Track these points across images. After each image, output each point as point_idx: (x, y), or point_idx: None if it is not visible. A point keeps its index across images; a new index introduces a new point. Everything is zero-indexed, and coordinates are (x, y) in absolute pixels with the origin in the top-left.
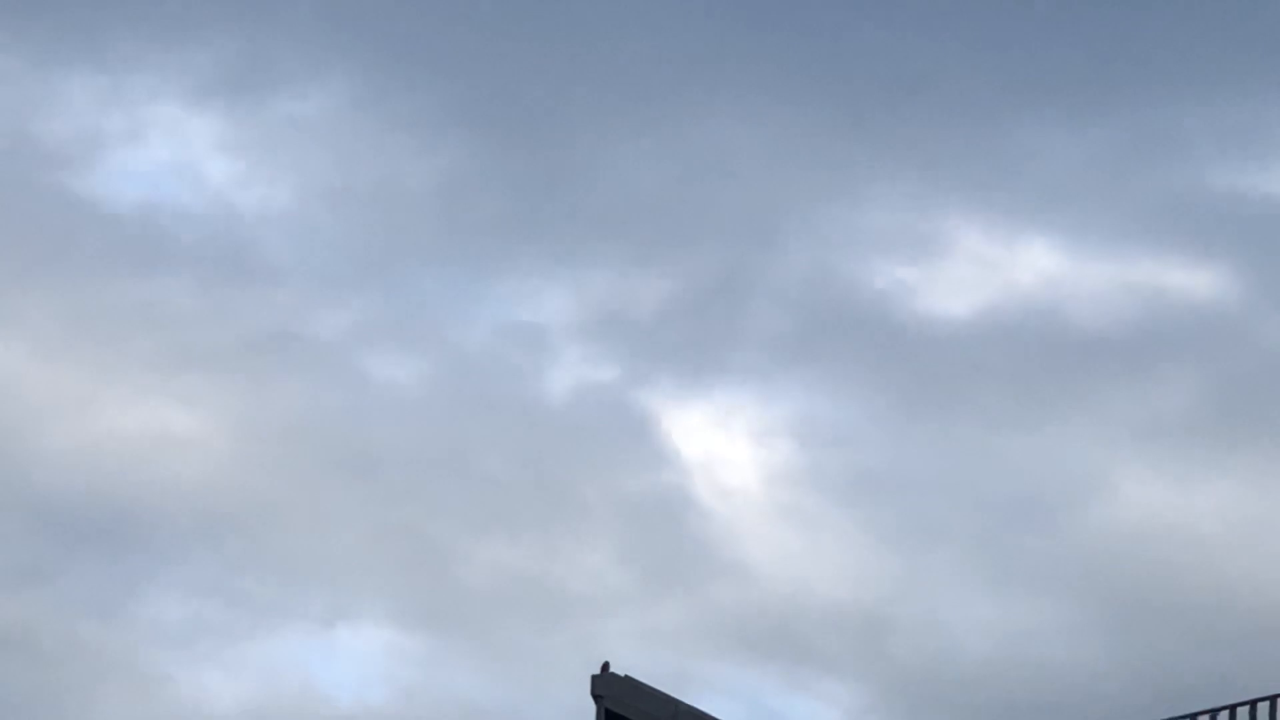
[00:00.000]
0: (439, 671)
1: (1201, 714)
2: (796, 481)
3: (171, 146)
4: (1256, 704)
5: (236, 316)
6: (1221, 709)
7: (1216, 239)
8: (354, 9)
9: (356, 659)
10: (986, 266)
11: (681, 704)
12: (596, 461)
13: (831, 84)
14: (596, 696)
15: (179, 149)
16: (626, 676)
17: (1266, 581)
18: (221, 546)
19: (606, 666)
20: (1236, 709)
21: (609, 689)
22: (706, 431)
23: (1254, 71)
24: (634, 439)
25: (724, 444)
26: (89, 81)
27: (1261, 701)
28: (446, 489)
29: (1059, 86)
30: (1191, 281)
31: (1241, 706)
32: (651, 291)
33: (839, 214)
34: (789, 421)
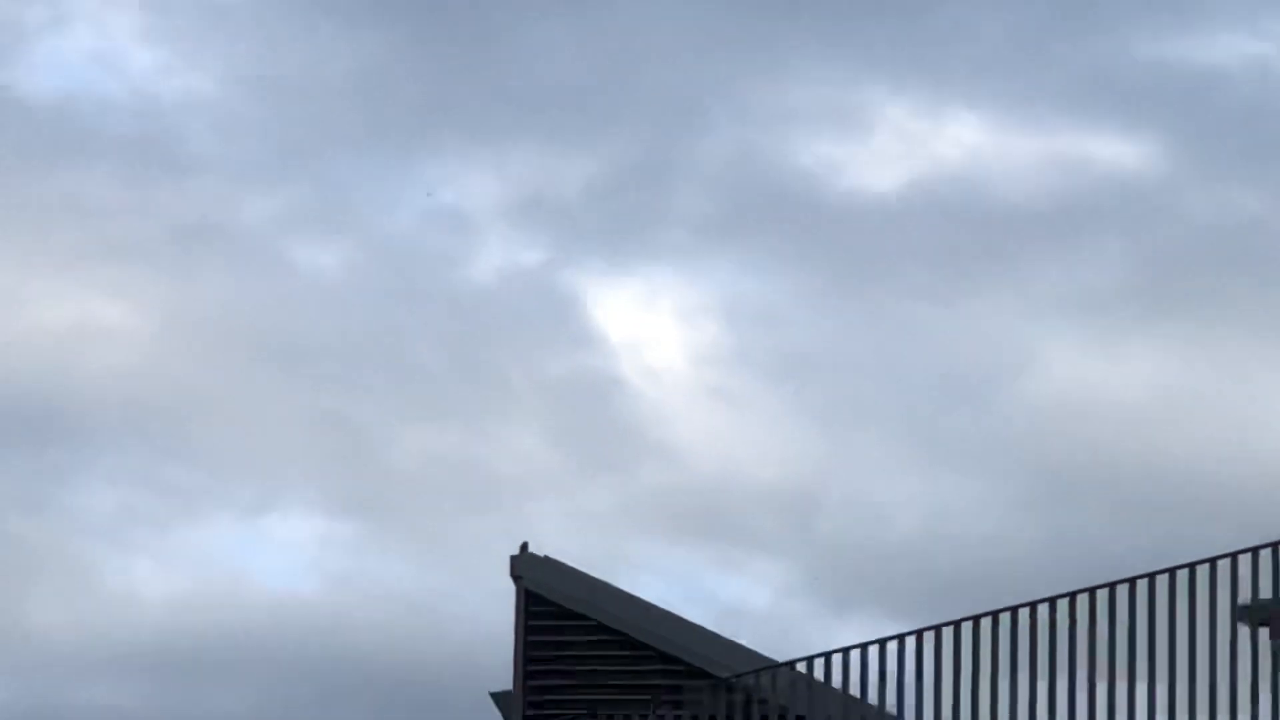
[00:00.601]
0: (368, 558)
1: (1120, 582)
2: (724, 361)
3: (93, 36)
4: (1175, 572)
5: (160, 207)
6: (1140, 577)
7: (1143, 110)
8: None
9: (286, 547)
10: (912, 142)
11: (601, 583)
12: (523, 345)
13: None
14: (516, 578)
15: (100, 39)
16: (546, 557)
17: (1195, 451)
18: (149, 437)
19: (525, 547)
20: (1155, 577)
21: (528, 570)
22: (633, 313)
23: None
24: (560, 321)
25: (651, 325)
26: None
27: (1180, 569)
28: (373, 376)
29: None
30: (1118, 153)
31: (1160, 575)
32: (575, 173)
33: (764, 92)
34: (716, 301)
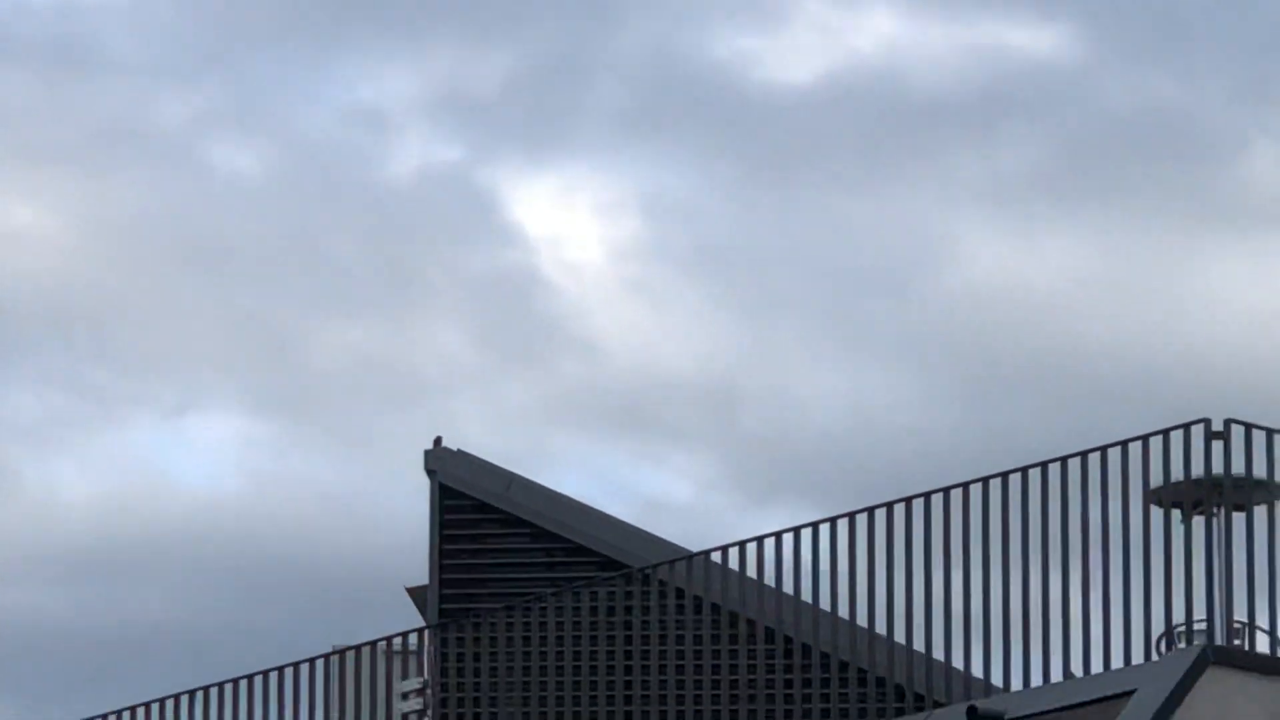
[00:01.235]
0: (290, 457)
1: (1031, 466)
2: (643, 256)
3: None
4: (1087, 455)
5: (77, 110)
6: (1052, 460)
7: None
8: None
9: (207, 447)
10: (828, 33)
11: (516, 475)
12: (442, 242)
13: None
14: (429, 472)
15: None
16: (459, 451)
17: (1114, 337)
18: (70, 340)
19: (439, 442)
20: (1067, 460)
21: (442, 464)
22: (551, 208)
23: None
24: (479, 218)
25: (569, 220)
26: None
27: (1092, 452)
28: (293, 275)
29: None
30: (1034, 41)
31: (1072, 458)
32: (493, 68)
33: None
34: (634, 196)
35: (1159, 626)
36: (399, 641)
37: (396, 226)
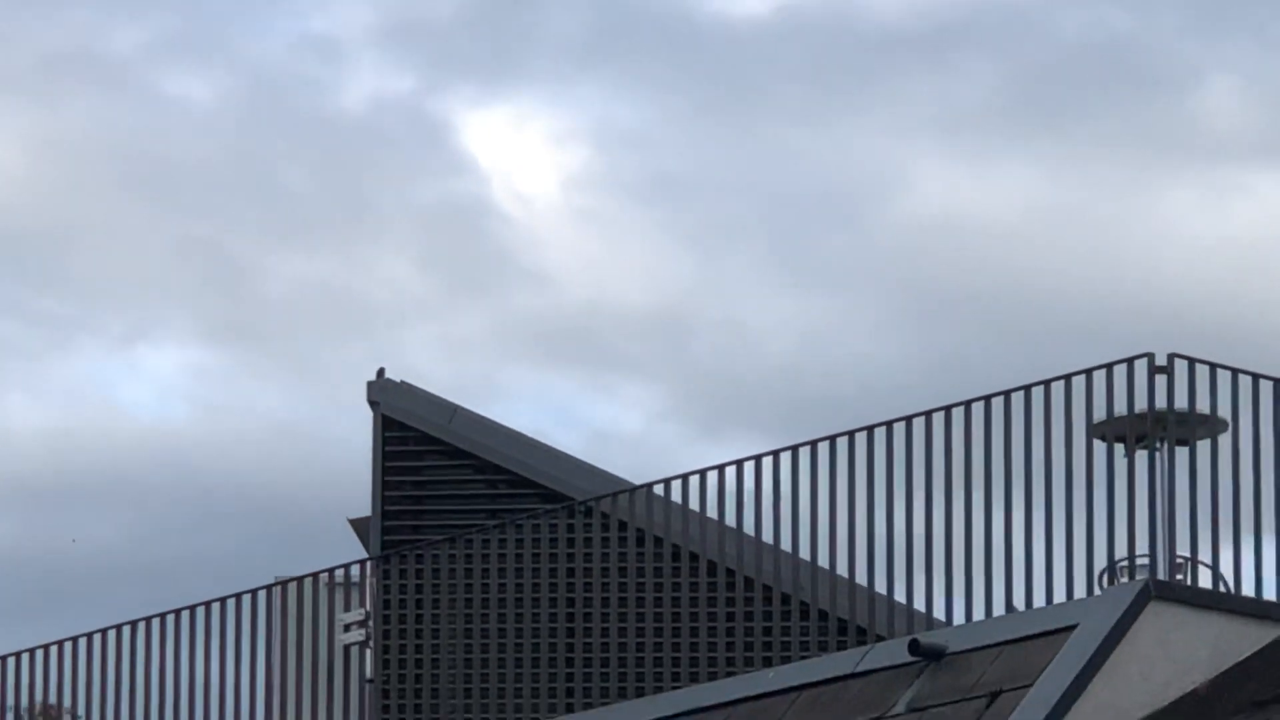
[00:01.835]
0: (240, 386)
1: (975, 400)
2: (595, 185)
3: None
4: (1030, 389)
5: (26, 35)
6: (995, 394)
7: None
8: None
9: (157, 376)
10: None
11: (460, 407)
12: (394, 171)
13: None
14: (372, 403)
15: None
16: (403, 382)
17: (1065, 269)
18: (18, 267)
19: (381, 373)
20: (1010, 394)
21: (384, 395)
22: (504, 137)
23: None
24: (431, 147)
25: (521, 149)
26: None
27: (1035, 386)
28: (244, 204)
29: None
30: None
31: (1016, 392)
32: None
33: None
34: (586, 125)
35: (1101, 561)
36: (341, 573)
37: (348, 156)
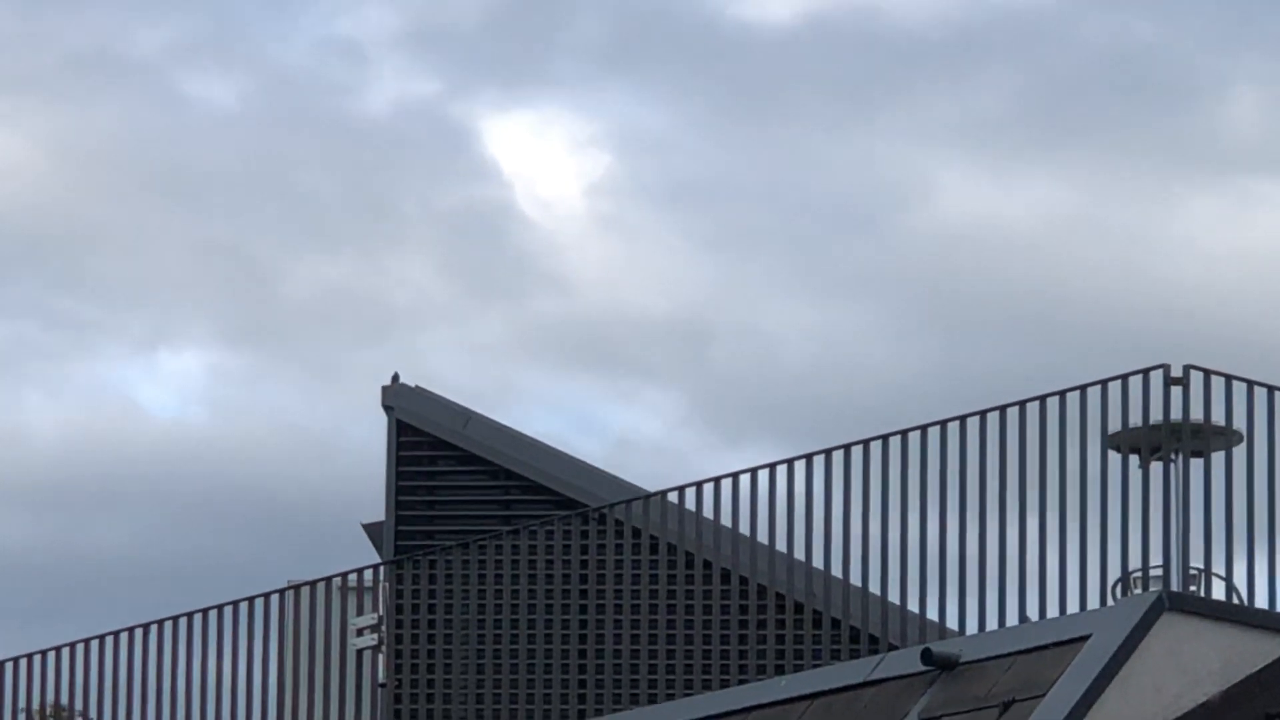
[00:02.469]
0: (259, 389)
1: (989, 410)
2: (617, 192)
3: None
4: (1045, 399)
5: (52, 37)
6: (1010, 405)
7: None
8: None
9: (177, 378)
10: None
11: (474, 413)
12: (416, 175)
13: None
14: (387, 408)
15: None
16: (417, 387)
17: (1086, 278)
18: (42, 268)
19: (396, 378)
20: (1026, 405)
21: (399, 400)
22: (527, 143)
23: None
24: (454, 151)
25: (544, 155)
26: None
27: (1050, 397)
28: (267, 207)
29: None
30: None
31: (1031, 402)
32: (470, 2)
33: None
34: (609, 131)
35: (1115, 572)
36: (354, 577)
37: (371, 159)
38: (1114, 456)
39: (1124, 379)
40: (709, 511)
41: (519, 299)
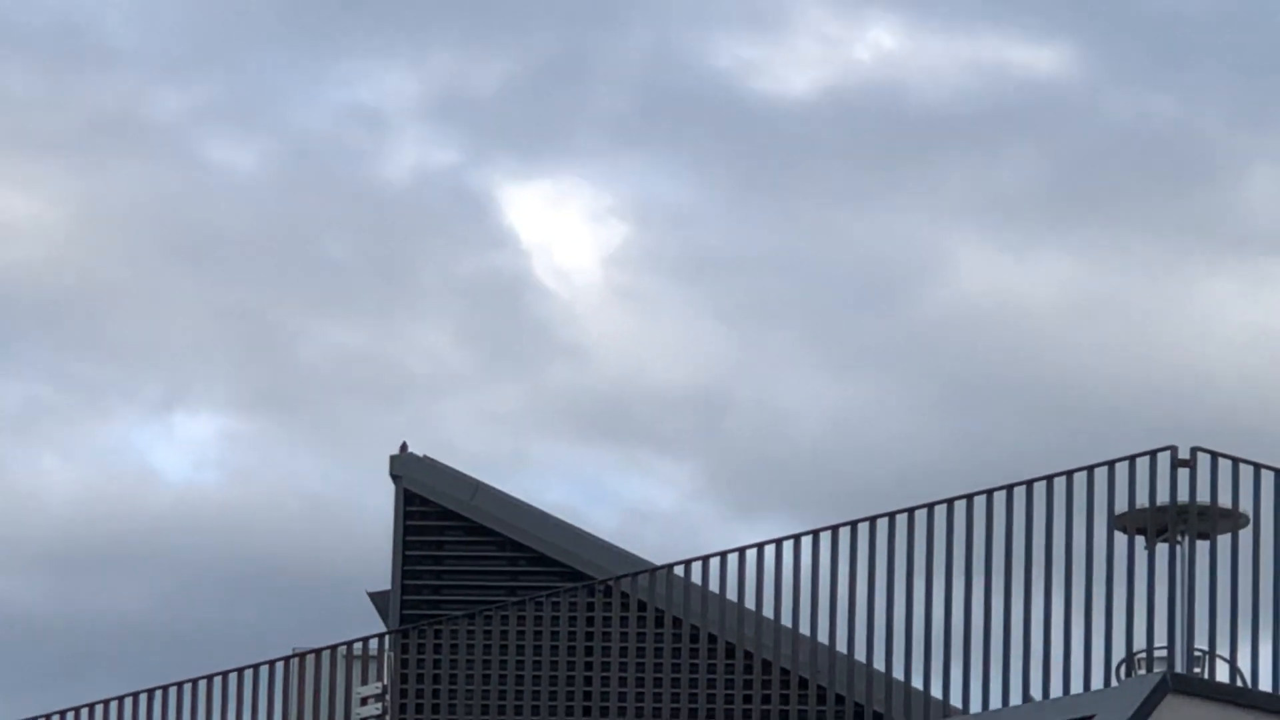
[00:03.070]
0: (274, 454)
1: (997, 489)
2: (635, 262)
3: None
4: (1053, 479)
5: (75, 99)
6: (1018, 484)
7: (1061, 14)
8: None
9: (192, 442)
10: (829, 44)
11: (481, 484)
12: (435, 243)
13: None
14: (394, 477)
15: None
16: (425, 457)
17: (1103, 357)
18: (59, 330)
19: (404, 447)
20: (1033, 484)
21: (406, 469)
22: (545, 212)
23: None
24: (473, 220)
25: (563, 225)
26: None
27: (1058, 477)
28: (285, 272)
29: None
30: (1034, 57)
31: (1038, 482)
32: (492, 71)
33: None
34: (628, 202)
35: (1120, 652)
36: (359, 646)
37: (390, 226)
38: (1120, 537)
39: (1131, 460)
40: (717, 585)
41: (535, 368)
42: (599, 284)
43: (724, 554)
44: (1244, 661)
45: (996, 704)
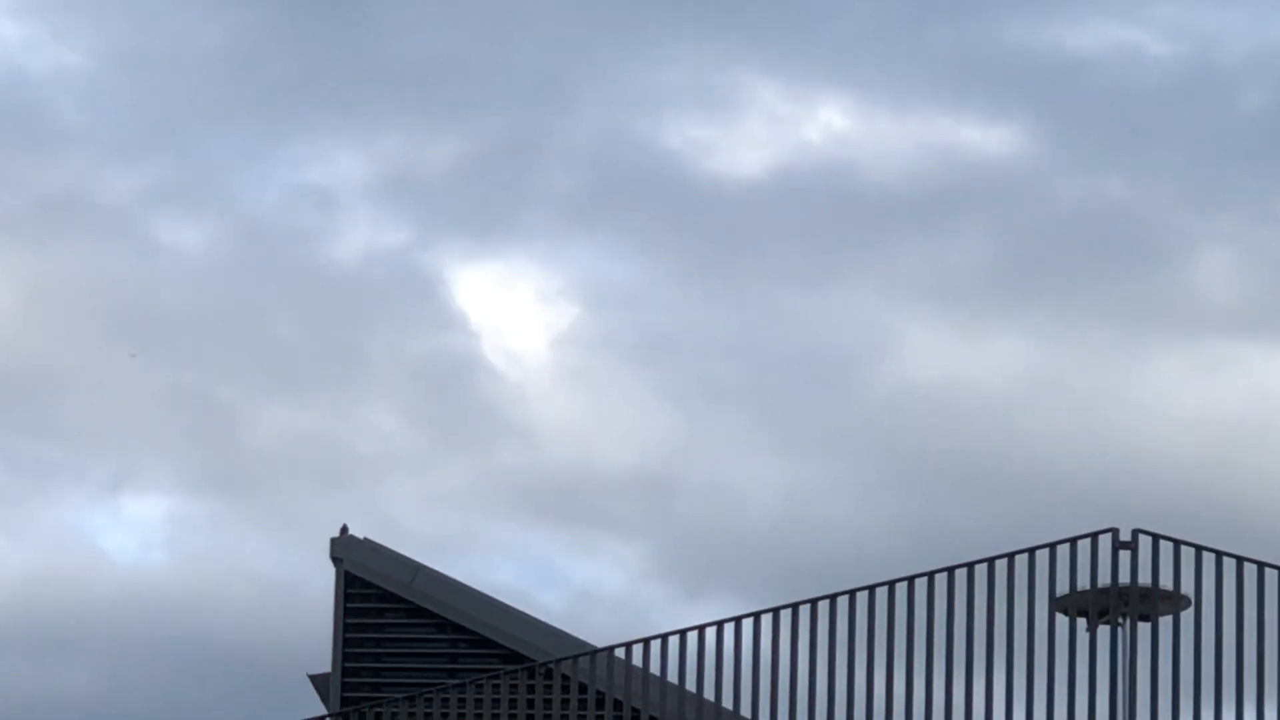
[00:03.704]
0: (222, 536)
1: (938, 571)
2: (584, 343)
3: None
4: (994, 561)
5: (24, 180)
6: (959, 566)
7: (1011, 95)
8: None
9: (140, 524)
10: (780, 125)
11: (422, 566)
12: (385, 324)
13: None
14: (335, 559)
15: None
16: (365, 539)
17: (1049, 438)
18: (7, 411)
19: (344, 530)
20: (974, 566)
21: (347, 552)
22: (495, 293)
23: None
24: (422, 301)
25: (512, 306)
26: None
27: (999, 559)
28: (234, 353)
29: None
30: (985, 138)
31: (980, 564)
32: (442, 152)
33: (632, 72)
34: (578, 283)
35: None
36: None
37: (340, 308)
38: (1063, 619)
39: (1073, 542)
40: (658, 668)
41: (484, 449)
42: (548, 365)
43: (665, 636)
44: None
45: None
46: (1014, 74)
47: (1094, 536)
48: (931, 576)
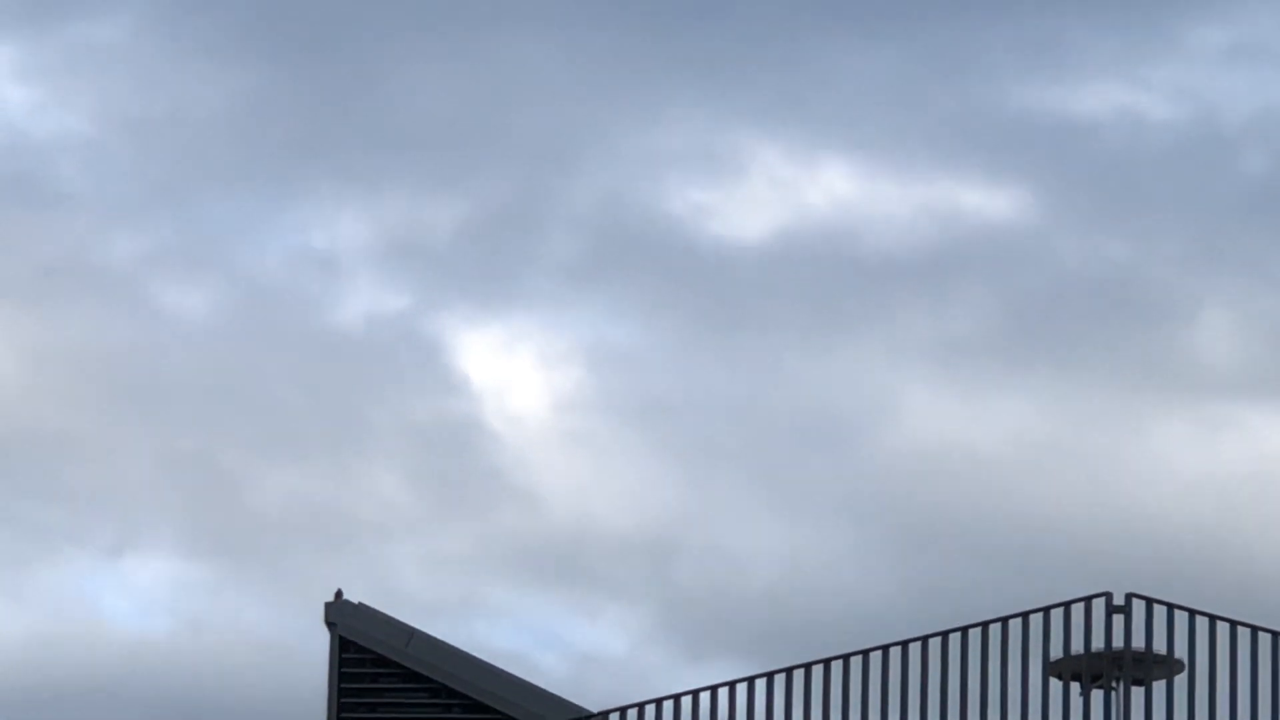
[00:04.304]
0: (224, 600)
1: (932, 636)
2: (586, 407)
3: None
4: (988, 625)
5: (27, 244)
6: (953, 630)
7: (1013, 158)
8: None
9: (142, 588)
10: (782, 188)
11: (416, 631)
12: (387, 388)
13: (628, 3)
14: (330, 624)
15: None
16: (360, 604)
17: (1048, 502)
18: (9, 474)
19: (339, 594)
20: (968, 630)
21: (341, 617)
22: (497, 357)
23: None
24: (425, 365)
25: (514, 370)
26: None
27: (993, 623)
28: (236, 417)
29: (854, 4)
30: (987, 202)
31: (973, 629)
32: (445, 216)
33: (635, 136)
34: (580, 347)
35: None
36: None
37: (342, 372)
38: (1057, 684)
39: (1067, 607)
40: None
41: (485, 513)
42: (550, 428)
43: (659, 700)
44: None
45: None
46: (1016, 137)
47: (1088, 601)
48: (925, 641)
